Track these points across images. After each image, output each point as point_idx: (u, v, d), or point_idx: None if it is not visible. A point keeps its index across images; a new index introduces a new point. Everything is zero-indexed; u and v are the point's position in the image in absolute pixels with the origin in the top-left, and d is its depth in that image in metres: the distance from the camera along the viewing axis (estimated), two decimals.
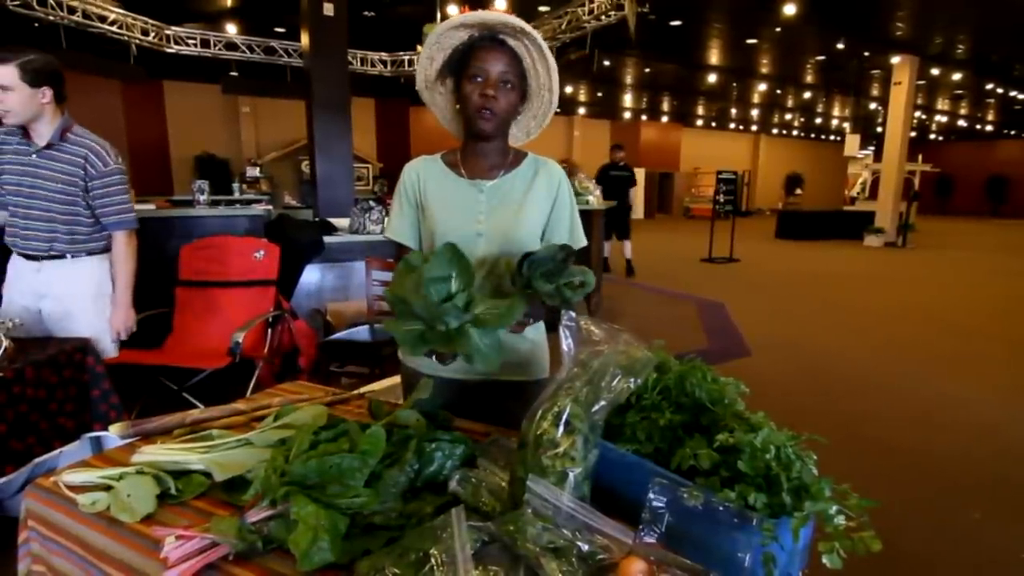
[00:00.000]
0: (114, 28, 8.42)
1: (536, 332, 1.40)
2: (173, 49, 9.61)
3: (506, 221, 1.30)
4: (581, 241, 1.35)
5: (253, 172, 12.49)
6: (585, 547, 0.74)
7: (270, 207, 4.19)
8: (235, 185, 10.84)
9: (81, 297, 2.17)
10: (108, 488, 0.94)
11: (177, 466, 0.99)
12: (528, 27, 1.21)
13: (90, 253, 2.17)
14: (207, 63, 10.40)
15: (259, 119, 14.02)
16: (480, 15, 1.21)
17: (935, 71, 12.44)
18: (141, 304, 2.76)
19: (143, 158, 12.24)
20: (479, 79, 1.21)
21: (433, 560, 0.71)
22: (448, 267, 1.00)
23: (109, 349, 2.28)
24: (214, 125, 13.64)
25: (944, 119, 20.12)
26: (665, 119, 21.26)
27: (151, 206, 3.33)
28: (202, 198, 3.36)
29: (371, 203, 3.86)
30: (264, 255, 2.92)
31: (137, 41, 8.94)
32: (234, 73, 11.41)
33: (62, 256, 2.11)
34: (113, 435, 1.15)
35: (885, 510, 0.71)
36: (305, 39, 5.04)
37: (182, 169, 13.12)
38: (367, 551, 0.78)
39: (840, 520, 0.65)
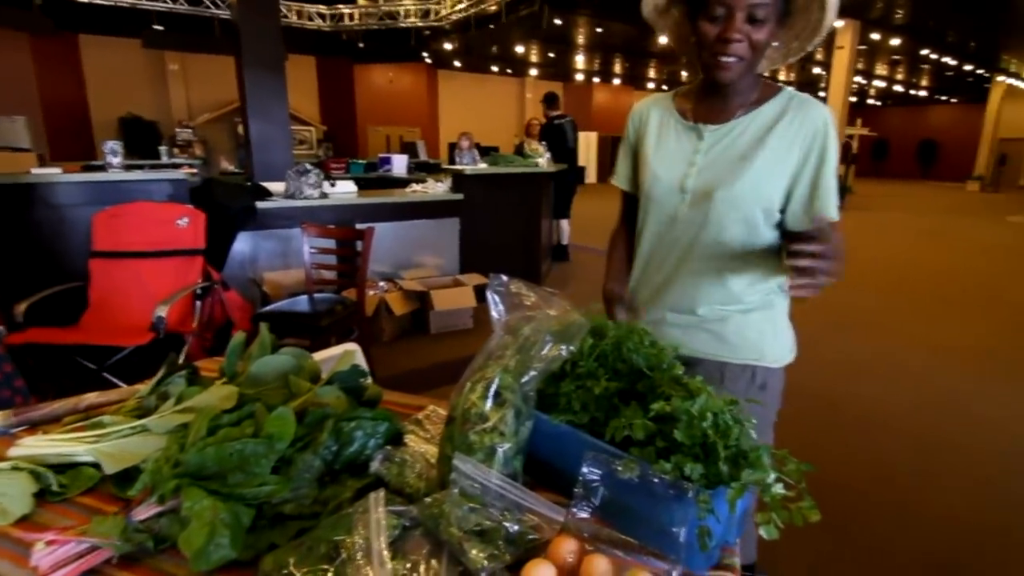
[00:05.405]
0: None
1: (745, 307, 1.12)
2: None
3: (719, 177, 1.01)
4: (830, 214, 0.99)
5: (184, 135, 11.65)
6: (514, 528, 0.69)
7: (195, 171, 3.89)
8: (163, 148, 10.10)
9: None
10: None
11: (62, 458, 0.87)
12: None
13: None
14: (125, 14, 9.51)
15: (189, 78, 13.05)
16: None
17: (875, 36, 12.74)
18: (51, 278, 2.53)
19: (60, 120, 11.24)
20: (719, 16, 0.93)
21: (344, 552, 0.64)
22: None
23: None
24: (139, 84, 12.61)
25: (882, 84, 20.80)
26: (617, 81, 21.13)
27: (56, 170, 3.02)
28: (115, 160, 3.06)
29: (307, 166, 3.64)
30: (188, 222, 2.71)
31: None
32: (158, 26, 10.46)
33: None
34: None
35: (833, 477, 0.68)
36: None
37: (105, 133, 12.12)
38: (275, 545, 0.70)
39: (779, 489, 0.62)
